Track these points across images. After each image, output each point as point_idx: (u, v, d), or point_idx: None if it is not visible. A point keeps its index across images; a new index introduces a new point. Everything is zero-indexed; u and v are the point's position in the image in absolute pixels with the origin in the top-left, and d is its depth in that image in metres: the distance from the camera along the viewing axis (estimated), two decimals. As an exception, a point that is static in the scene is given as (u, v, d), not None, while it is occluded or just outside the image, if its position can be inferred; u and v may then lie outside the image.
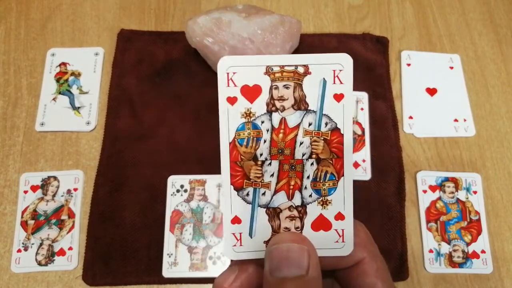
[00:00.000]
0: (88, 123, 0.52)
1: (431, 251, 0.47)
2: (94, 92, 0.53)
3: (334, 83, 0.23)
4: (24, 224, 0.47)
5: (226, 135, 0.24)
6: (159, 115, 0.52)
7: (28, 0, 0.59)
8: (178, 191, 0.48)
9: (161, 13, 0.59)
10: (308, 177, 0.24)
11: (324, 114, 0.24)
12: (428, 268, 0.46)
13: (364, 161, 0.50)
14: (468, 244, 0.47)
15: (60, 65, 0.54)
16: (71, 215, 0.47)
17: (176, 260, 0.45)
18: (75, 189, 0.48)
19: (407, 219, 0.48)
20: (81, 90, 0.53)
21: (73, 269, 0.46)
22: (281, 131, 0.24)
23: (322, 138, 0.24)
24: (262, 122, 0.24)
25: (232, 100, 0.24)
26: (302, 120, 0.24)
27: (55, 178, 0.49)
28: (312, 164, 0.24)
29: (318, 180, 0.24)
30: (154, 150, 0.50)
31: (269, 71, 0.23)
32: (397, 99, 0.54)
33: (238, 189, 0.24)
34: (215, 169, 0.49)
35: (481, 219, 0.48)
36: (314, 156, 0.24)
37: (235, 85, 0.23)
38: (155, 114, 0.52)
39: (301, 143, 0.24)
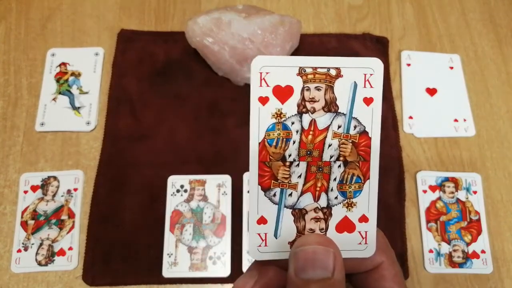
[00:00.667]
0: (88, 123, 0.52)
1: (431, 251, 0.47)
2: (94, 92, 0.53)
3: (365, 86, 0.24)
4: (24, 224, 0.47)
5: (256, 134, 0.23)
6: (159, 115, 0.52)
7: (28, 0, 0.59)
8: (178, 191, 0.48)
9: (161, 13, 0.59)
10: (334, 179, 0.24)
11: (354, 117, 0.24)
12: (428, 268, 0.46)
13: (364, 161, 0.50)
14: (468, 244, 0.47)
15: (60, 65, 0.54)
16: (71, 215, 0.47)
17: (176, 260, 0.45)
18: (75, 189, 0.48)
19: (407, 219, 0.48)
20: (81, 90, 0.53)
21: (73, 269, 0.46)
22: (311, 132, 0.24)
23: (350, 141, 0.24)
24: (292, 123, 0.24)
25: (263, 100, 0.23)
26: (331, 122, 0.24)
27: (55, 178, 0.49)
28: (339, 166, 0.24)
29: (344, 182, 0.24)
30: (154, 150, 0.50)
31: (301, 72, 0.23)
32: (397, 99, 0.54)
33: (266, 189, 0.24)
34: (215, 169, 0.49)
35: (481, 219, 0.48)
36: (341, 158, 0.24)
37: (268, 85, 0.23)
38: (155, 114, 0.52)
39: (329, 145, 0.24)
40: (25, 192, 0.48)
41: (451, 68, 0.56)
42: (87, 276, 0.45)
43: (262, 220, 0.24)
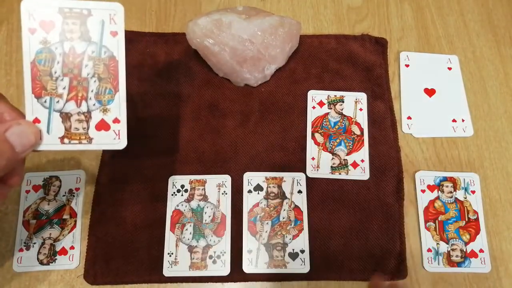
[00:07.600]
0: (89, 123, 0.52)
1: (429, 250, 0.47)
2: (96, 93, 0.54)
3: (111, 23, 0.33)
4: (26, 224, 0.47)
5: (28, 56, 0.32)
6: (160, 115, 0.52)
7: (30, 1, 0.59)
8: (178, 191, 0.49)
9: (162, 14, 0.59)
10: (92, 90, 0.33)
11: (104, 45, 0.33)
12: (426, 267, 0.47)
13: (362, 161, 0.50)
14: (466, 243, 0.48)
15: (61, 66, 0.55)
16: (72, 214, 0.48)
17: (176, 259, 0.46)
18: (77, 189, 0.49)
19: (405, 219, 0.49)
20: (82, 91, 0.54)
21: (74, 268, 0.46)
22: (71, 55, 0.33)
23: (102, 63, 0.33)
24: (56, 48, 0.32)
25: (32, 31, 0.32)
26: (86, 48, 0.33)
27: (57, 178, 0.49)
28: (95, 81, 0.33)
29: (99, 93, 0.33)
30: (155, 150, 0.50)
31: (61, 11, 0.32)
32: (396, 99, 0.55)
33: (38, 97, 0.32)
34: (216, 169, 0.50)
35: (479, 218, 0.49)
36: (96, 75, 0.33)
37: (35, 20, 0.32)
38: (156, 114, 0.52)
39: (86, 65, 0.33)
40: (27, 191, 0.48)
41: (450, 68, 0.57)
42: (88, 275, 0.45)
43: (36, 120, 0.32)
